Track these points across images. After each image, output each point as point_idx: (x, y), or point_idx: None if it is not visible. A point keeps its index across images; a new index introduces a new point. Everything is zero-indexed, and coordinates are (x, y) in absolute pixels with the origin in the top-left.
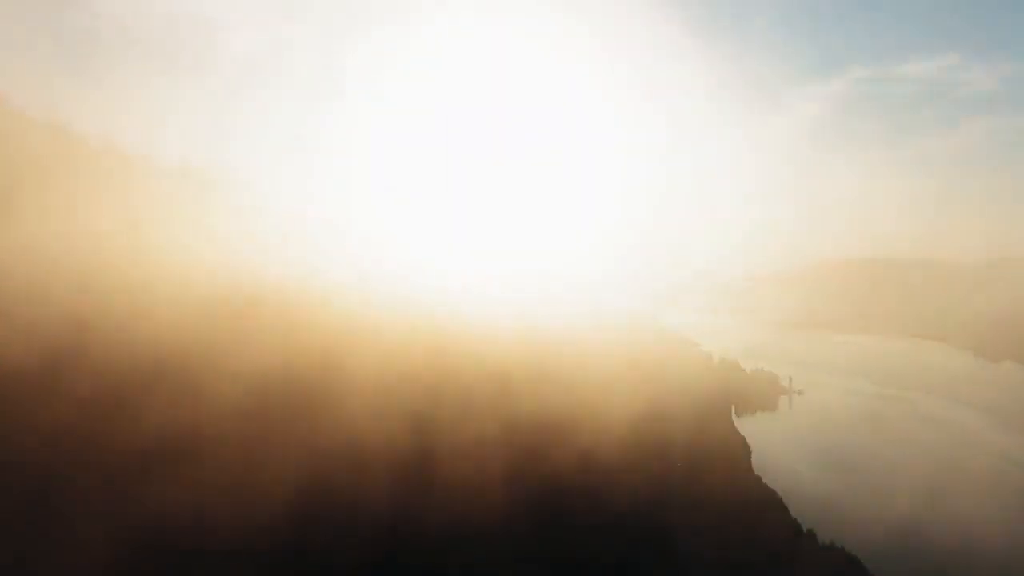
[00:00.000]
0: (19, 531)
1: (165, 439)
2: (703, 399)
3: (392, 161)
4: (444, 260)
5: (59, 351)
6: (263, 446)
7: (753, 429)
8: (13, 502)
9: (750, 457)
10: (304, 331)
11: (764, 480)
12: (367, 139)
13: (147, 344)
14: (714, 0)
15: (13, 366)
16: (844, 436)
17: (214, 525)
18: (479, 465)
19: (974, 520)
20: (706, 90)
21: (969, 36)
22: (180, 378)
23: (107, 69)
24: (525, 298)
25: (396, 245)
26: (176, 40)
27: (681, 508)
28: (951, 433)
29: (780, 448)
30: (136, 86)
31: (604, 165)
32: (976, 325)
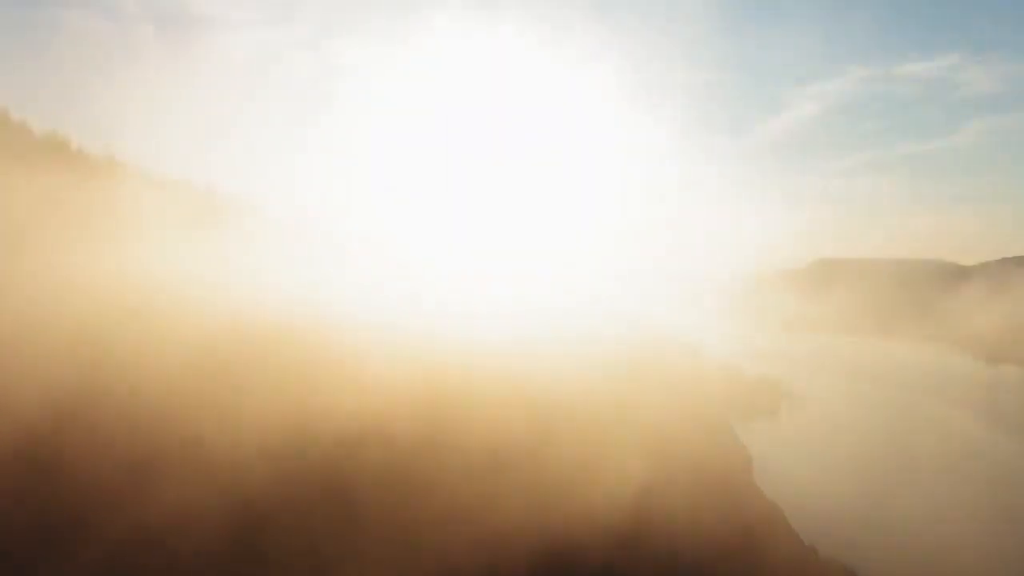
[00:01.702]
0: None
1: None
2: (703, 407)
3: (392, 161)
4: (444, 261)
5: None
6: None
7: (754, 436)
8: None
9: (751, 467)
10: (307, 374)
11: (765, 491)
12: (367, 139)
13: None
14: (714, 1)
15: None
16: (846, 442)
17: None
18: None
19: (981, 531)
20: (706, 90)
21: (969, 36)
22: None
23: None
24: (524, 302)
25: (396, 245)
26: (176, 41)
27: (680, 526)
28: (955, 438)
29: (782, 456)
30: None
31: (604, 165)
32: (976, 327)
